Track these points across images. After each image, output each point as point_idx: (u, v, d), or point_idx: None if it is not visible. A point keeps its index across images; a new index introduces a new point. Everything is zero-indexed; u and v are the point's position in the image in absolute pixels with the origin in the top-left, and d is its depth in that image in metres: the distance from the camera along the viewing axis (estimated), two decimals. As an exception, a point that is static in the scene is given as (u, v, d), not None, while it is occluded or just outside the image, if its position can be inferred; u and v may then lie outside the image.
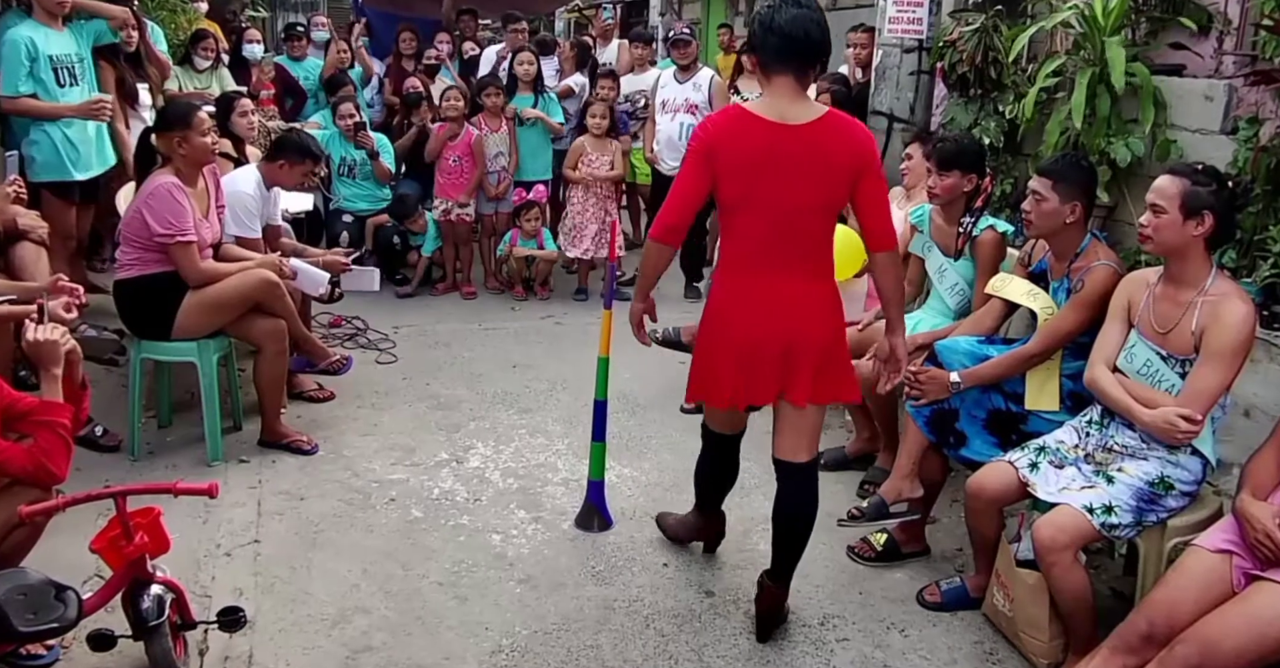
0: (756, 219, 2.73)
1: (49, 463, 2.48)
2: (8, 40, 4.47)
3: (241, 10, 9.75)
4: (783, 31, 2.62)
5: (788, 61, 2.66)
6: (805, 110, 2.68)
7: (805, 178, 2.67)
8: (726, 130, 2.70)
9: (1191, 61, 4.07)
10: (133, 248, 3.82)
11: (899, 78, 5.42)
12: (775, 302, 2.75)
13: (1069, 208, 3.10)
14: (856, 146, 2.69)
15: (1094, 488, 2.80)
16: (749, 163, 2.67)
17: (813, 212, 2.72)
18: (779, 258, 2.75)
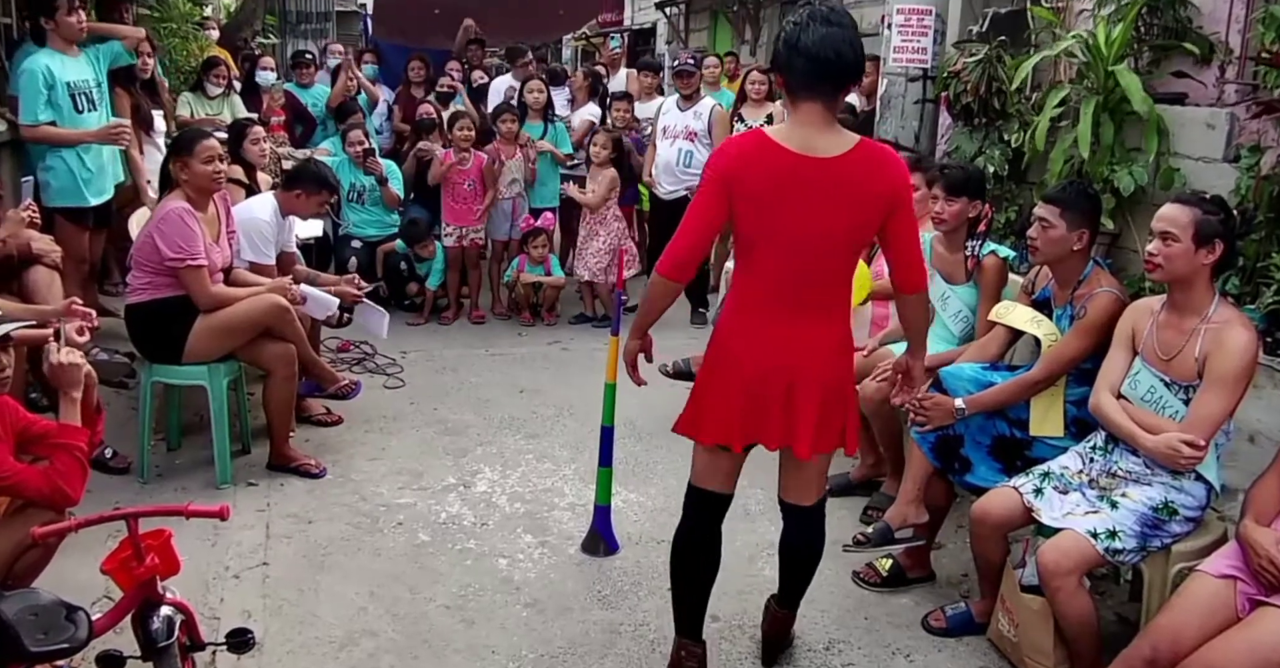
0: (775, 257, 2.52)
1: (64, 486, 2.52)
2: (25, 70, 4.55)
3: (253, 37, 9.85)
4: (810, 53, 2.36)
5: (816, 86, 2.41)
6: (835, 141, 2.45)
7: (832, 215, 2.45)
8: (746, 159, 2.47)
9: (1194, 90, 4.11)
10: (144, 272, 3.87)
11: (904, 107, 5.47)
12: (787, 341, 2.56)
13: (1076, 235, 3.13)
14: (891, 181, 2.47)
15: (1098, 513, 2.81)
16: (769, 196, 2.46)
17: (837, 251, 2.52)
18: (796, 297, 2.55)
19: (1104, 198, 3.96)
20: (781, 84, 2.49)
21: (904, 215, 2.52)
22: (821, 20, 2.37)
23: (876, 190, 2.45)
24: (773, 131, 2.48)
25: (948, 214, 3.74)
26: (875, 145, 2.51)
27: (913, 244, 2.56)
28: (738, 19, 11.77)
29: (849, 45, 2.37)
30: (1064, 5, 4.78)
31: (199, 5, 8.78)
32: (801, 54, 2.37)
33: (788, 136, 2.45)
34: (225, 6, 12.21)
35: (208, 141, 3.91)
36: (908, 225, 2.54)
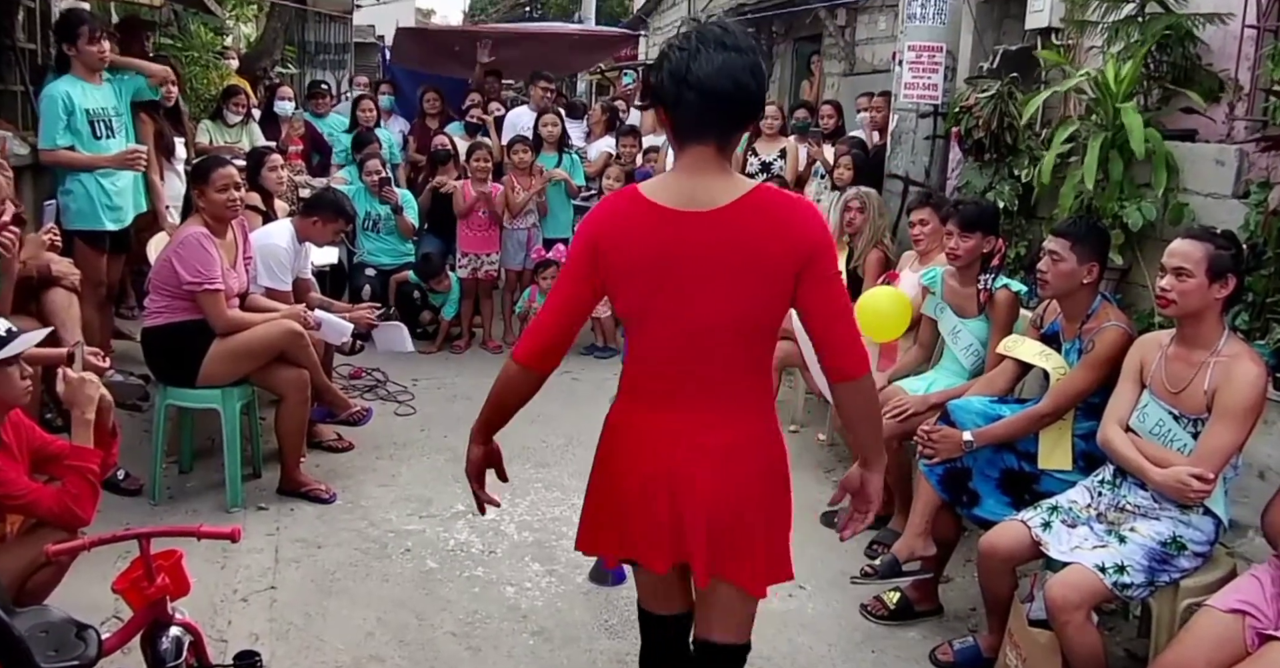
0: (657, 338, 2.03)
1: (76, 507, 2.55)
2: (46, 96, 4.65)
3: (272, 67, 10.00)
4: (704, 86, 1.86)
5: (711, 126, 1.92)
6: (723, 189, 1.94)
7: (719, 283, 1.93)
8: (615, 222, 2.01)
9: (1203, 126, 4.14)
10: (161, 296, 3.92)
11: (914, 142, 5.52)
12: (671, 442, 2.04)
13: (1086, 268, 3.16)
14: (795, 235, 1.92)
15: (1106, 547, 2.80)
16: (643, 265, 1.97)
17: (734, 330, 1.98)
18: (684, 389, 2.03)
19: (1113, 233, 3.98)
20: (664, 122, 1.99)
21: (821, 280, 1.95)
22: (715, 44, 1.87)
23: (776, 248, 1.92)
24: (647, 186, 2.02)
25: (962, 250, 3.77)
26: (775, 192, 1.99)
27: (838, 318, 1.99)
28: (751, 55, 11.90)
29: (750, 73, 1.89)
30: (1074, 42, 4.83)
31: (220, 35, 8.93)
32: (693, 87, 1.87)
33: (663, 190, 1.98)
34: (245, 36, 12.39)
35: (224, 170, 3.98)
36: (829, 293, 1.97)
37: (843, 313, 2.00)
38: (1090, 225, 3.29)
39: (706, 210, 1.93)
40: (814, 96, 9.10)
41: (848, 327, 2.01)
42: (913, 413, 3.68)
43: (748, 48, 1.90)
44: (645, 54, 17.55)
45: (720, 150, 1.96)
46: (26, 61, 5.86)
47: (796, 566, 3.66)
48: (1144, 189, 4.04)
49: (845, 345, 1.99)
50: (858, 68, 8.97)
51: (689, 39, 1.90)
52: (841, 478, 2.19)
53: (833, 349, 1.99)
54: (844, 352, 1.99)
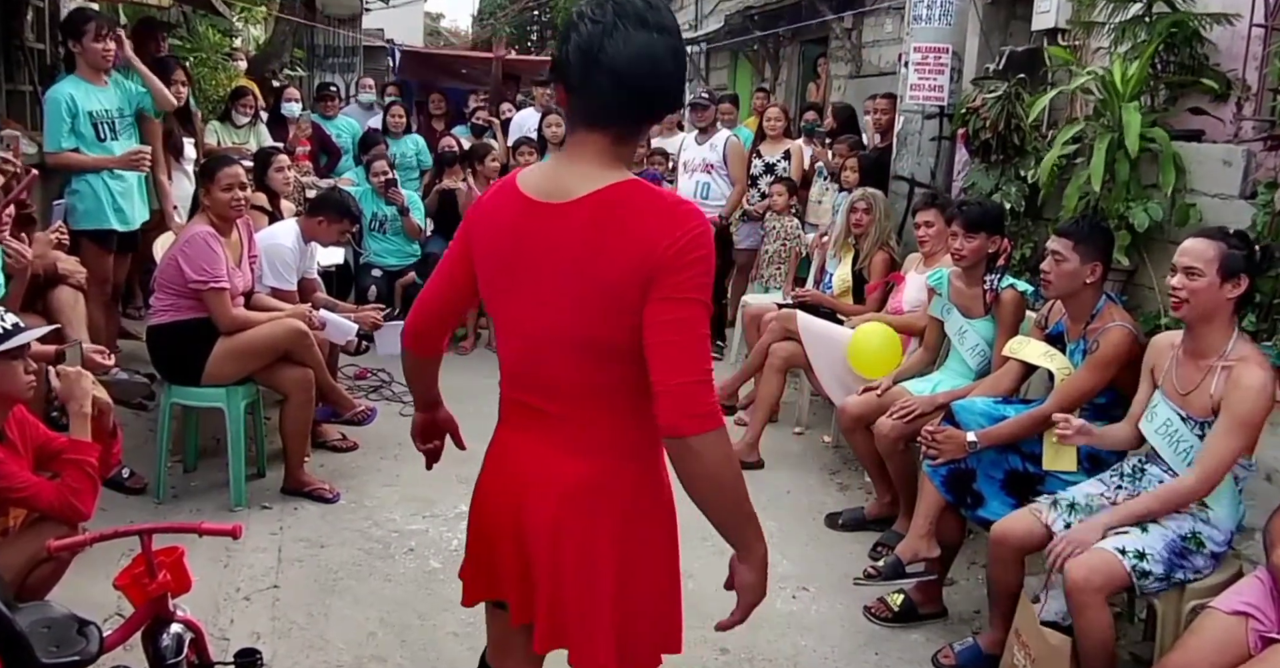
0: (507, 347, 1.80)
1: (75, 500, 2.55)
2: (50, 98, 4.64)
3: (280, 70, 10.04)
4: (618, 69, 1.58)
5: (614, 114, 1.65)
6: (579, 179, 1.65)
7: (556, 288, 1.66)
8: (486, 207, 1.80)
9: (1210, 127, 4.13)
10: (167, 294, 3.93)
11: (920, 143, 5.51)
12: (527, 476, 1.78)
13: (1089, 268, 3.15)
14: (642, 241, 1.58)
15: (1128, 534, 2.75)
16: (494, 261, 1.76)
17: (572, 345, 1.67)
18: (536, 411, 1.77)
19: (1119, 234, 3.97)
20: (562, 102, 1.70)
21: (659, 301, 1.58)
22: (636, 20, 1.59)
23: (617, 254, 1.60)
24: (525, 171, 1.78)
25: (967, 250, 3.77)
26: (641, 189, 1.65)
27: (668, 350, 1.58)
28: (758, 58, 11.89)
29: (672, 60, 1.63)
30: (1080, 43, 4.82)
31: (228, 37, 8.96)
32: (605, 69, 1.59)
33: (533, 178, 1.74)
34: (255, 39, 12.45)
35: (230, 169, 4.00)
36: (664, 318, 1.58)
37: (678, 348, 1.58)
38: (1093, 225, 3.28)
39: (558, 202, 1.66)
40: (821, 98, 9.10)
41: (683, 367, 1.57)
42: (919, 413, 3.67)
43: (672, 28, 1.63)
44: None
45: (618, 141, 1.67)
46: (35, 61, 5.89)
47: (800, 567, 3.69)
48: (1150, 190, 4.02)
49: (676, 390, 1.57)
50: (864, 70, 8.97)
51: (604, 10, 1.59)
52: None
53: (660, 392, 1.57)
54: (673, 398, 1.57)
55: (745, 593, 1.74)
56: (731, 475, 1.64)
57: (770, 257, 6.21)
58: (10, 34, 5.72)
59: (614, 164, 1.68)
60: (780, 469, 4.71)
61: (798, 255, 6.09)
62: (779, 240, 6.20)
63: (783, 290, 5.87)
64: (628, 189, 1.64)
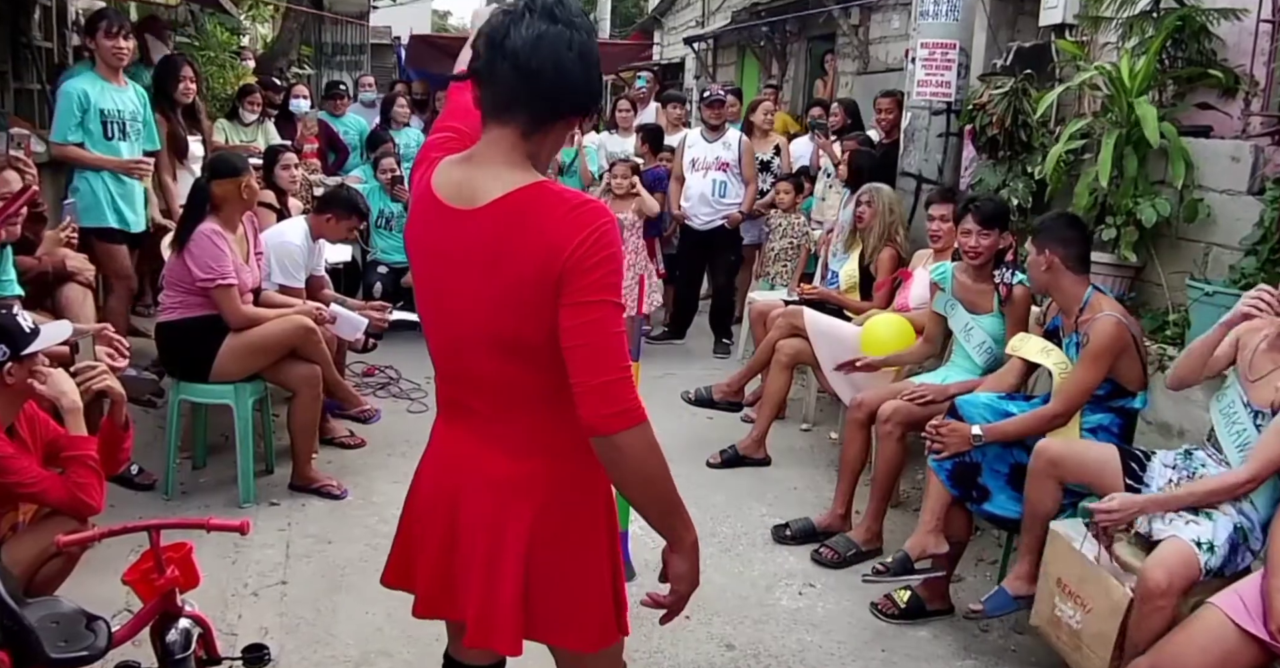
0: (431, 346, 1.84)
1: (81, 494, 2.57)
2: (64, 91, 4.67)
3: (288, 67, 10.06)
4: (519, 57, 1.59)
5: (517, 106, 1.63)
6: (488, 182, 1.65)
7: (469, 291, 1.69)
8: (414, 207, 1.81)
9: (1218, 123, 4.12)
10: (176, 292, 3.94)
11: (927, 140, 5.49)
12: (460, 469, 1.82)
13: (1041, 259, 3.22)
14: (548, 243, 1.59)
15: (1199, 524, 2.67)
16: (414, 263, 1.82)
17: (488, 346, 1.70)
18: (463, 407, 1.82)
19: (1127, 231, 3.97)
20: (476, 97, 1.70)
21: (569, 305, 1.60)
22: (543, 13, 1.60)
23: (524, 256, 1.61)
24: (440, 168, 1.75)
25: (982, 247, 3.78)
26: (549, 192, 1.64)
27: (579, 351, 1.60)
28: (765, 54, 11.87)
29: (578, 55, 1.62)
30: (1088, 39, 4.80)
31: (236, 35, 8.98)
32: (507, 56, 1.60)
33: (443, 178, 1.72)
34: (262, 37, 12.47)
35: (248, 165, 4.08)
36: (575, 320, 1.60)
37: (592, 349, 1.60)
38: (1047, 217, 3.42)
39: (467, 208, 1.66)
40: (828, 95, 9.08)
41: (598, 367, 1.59)
42: (930, 400, 3.66)
43: (581, 25, 1.63)
44: (659, 54, 17.57)
45: (524, 138, 1.66)
46: (43, 60, 5.91)
47: (806, 563, 3.68)
48: (1158, 186, 4.01)
49: (593, 390, 1.59)
50: (871, 66, 8.95)
51: (518, 2, 1.62)
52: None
53: (579, 393, 1.60)
54: (591, 398, 1.59)
55: (679, 582, 1.78)
56: (657, 467, 1.67)
57: (777, 254, 6.21)
58: (18, 32, 5.74)
59: (522, 163, 1.67)
60: (787, 466, 4.71)
61: (807, 252, 6.09)
62: (785, 237, 6.19)
63: (789, 287, 5.87)
64: (533, 192, 1.64)
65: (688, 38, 14.11)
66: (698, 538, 1.78)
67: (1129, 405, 3.21)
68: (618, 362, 1.61)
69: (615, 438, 1.61)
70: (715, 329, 6.70)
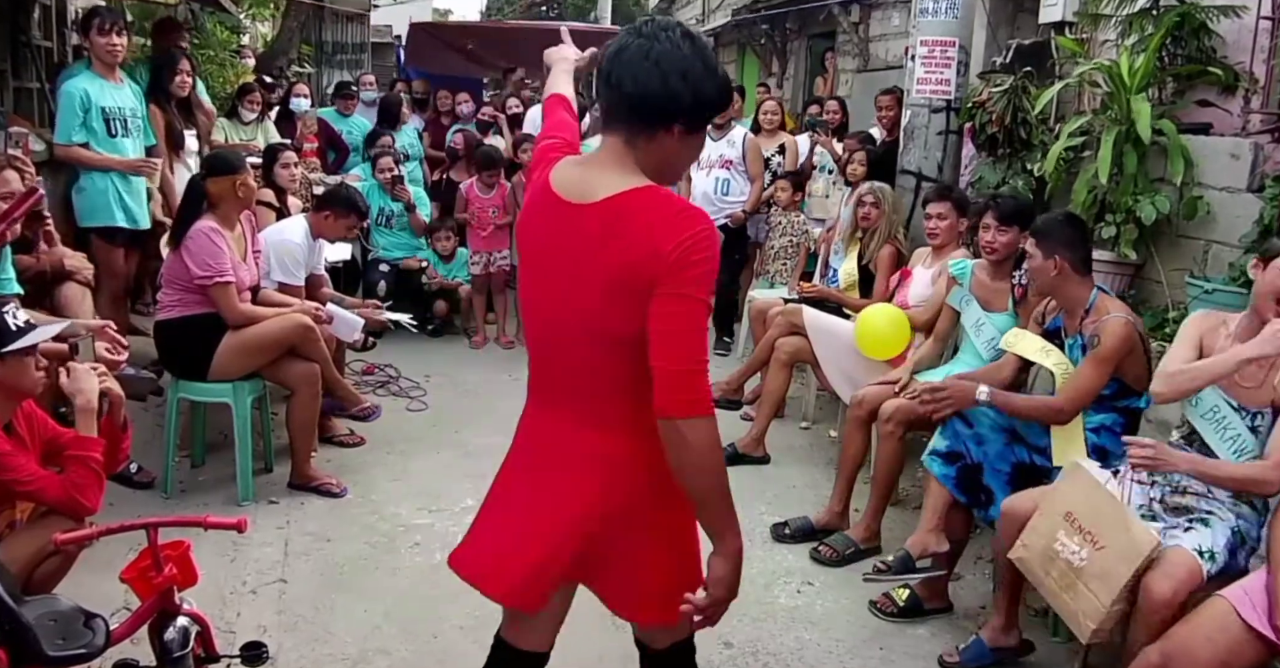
0: (529, 332, 2.00)
1: (79, 495, 2.57)
2: (65, 91, 4.67)
3: (288, 66, 10.05)
4: (618, 76, 1.78)
5: (621, 116, 1.82)
6: (600, 182, 1.81)
7: (570, 281, 1.82)
8: (527, 201, 1.99)
9: (1218, 121, 4.11)
10: (174, 290, 3.94)
11: (927, 138, 5.49)
12: (543, 445, 1.99)
13: (1050, 263, 3.16)
14: (648, 243, 1.72)
15: (1196, 531, 2.65)
16: (524, 250, 1.96)
17: (582, 333, 1.84)
18: (556, 391, 1.96)
19: (1127, 228, 3.96)
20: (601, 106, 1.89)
21: (663, 296, 1.72)
22: (649, 36, 1.77)
23: (624, 254, 1.74)
24: (558, 166, 1.93)
25: (999, 244, 3.77)
26: (654, 195, 1.79)
27: (665, 341, 1.73)
28: (765, 53, 11.87)
29: (679, 75, 1.75)
30: (1088, 36, 4.80)
31: (236, 33, 8.97)
32: (612, 74, 1.79)
33: (561, 175, 1.89)
34: (263, 36, 12.46)
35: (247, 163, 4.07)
36: (665, 311, 1.73)
37: (675, 337, 1.73)
38: (1053, 219, 3.30)
39: (579, 203, 1.82)
40: (828, 93, 9.08)
41: (678, 356, 1.73)
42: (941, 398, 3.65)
43: (665, 38, 1.77)
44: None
45: (628, 145, 1.82)
46: (43, 58, 5.91)
47: (805, 561, 3.68)
48: (1158, 183, 4.01)
49: (670, 376, 1.72)
50: (871, 64, 8.95)
51: (640, 24, 1.82)
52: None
53: (656, 377, 1.73)
54: (666, 383, 1.73)
55: (717, 586, 1.82)
56: (715, 462, 1.78)
57: (776, 252, 6.20)
58: (17, 31, 5.74)
59: (632, 169, 1.82)
60: (786, 464, 4.70)
61: (806, 251, 6.08)
62: (785, 236, 6.19)
63: (789, 285, 5.86)
64: (643, 194, 1.78)
65: (688, 36, 14.09)
66: (742, 547, 1.83)
67: (1134, 405, 3.20)
68: (697, 353, 1.74)
69: (682, 423, 1.72)
70: (716, 327, 6.68)
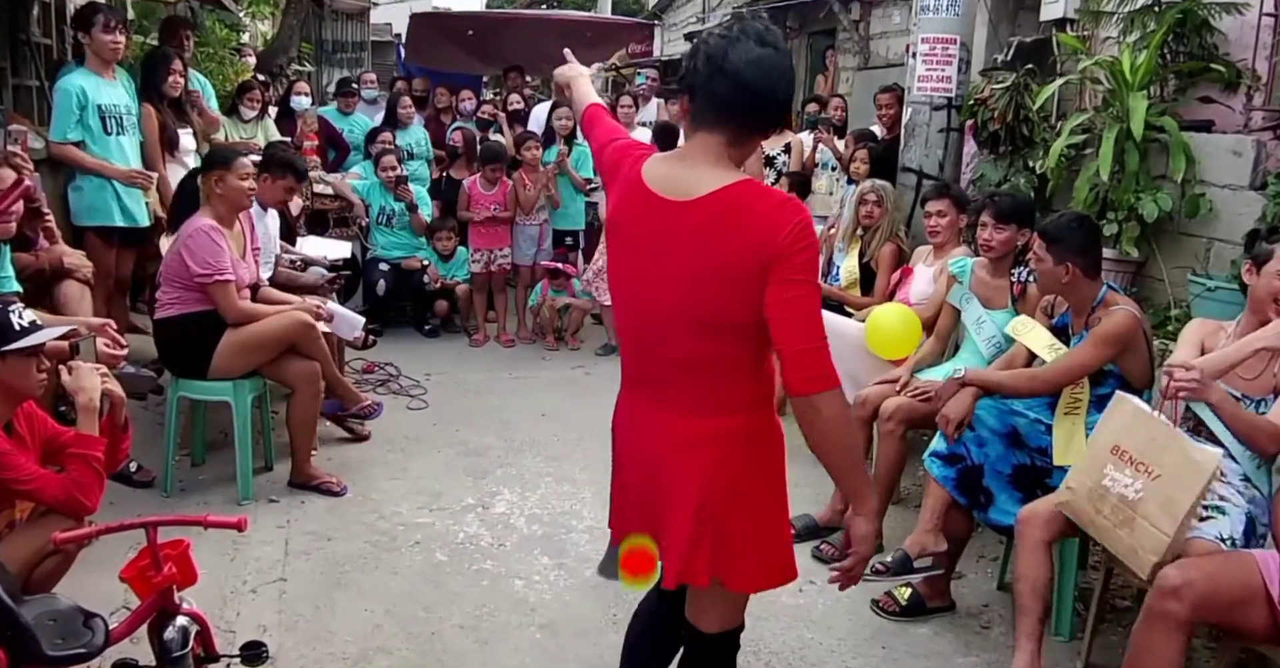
0: (626, 323, 2.09)
1: (79, 494, 2.56)
2: (61, 89, 4.65)
3: (288, 64, 10.04)
4: (739, 75, 1.86)
5: (729, 117, 1.91)
6: (700, 179, 1.91)
7: (680, 277, 1.92)
8: (618, 200, 2.07)
9: (1220, 117, 4.10)
10: (173, 288, 3.93)
11: (928, 135, 5.47)
12: (647, 433, 2.08)
13: (1062, 269, 3.16)
14: (758, 234, 1.84)
15: (1215, 519, 2.64)
16: (622, 245, 2.05)
17: (689, 322, 1.93)
18: (657, 378, 2.05)
19: (1128, 226, 3.96)
20: (684, 107, 1.98)
21: (779, 283, 1.85)
22: (756, 37, 1.88)
23: (735, 245, 1.86)
24: (648, 164, 2.03)
25: (996, 241, 3.76)
26: (756, 189, 1.91)
27: (793, 324, 1.86)
28: (766, 50, 11.88)
29: (782, 76, 1.90)
30: (1089, 33, 4.79)
31: (236, 32, 8.96)
32: (726, 74, 1.87)
33: (654, 173, 1.99)
34: (262, 34, 12.44)
35: (245, 158, 4.01)
36: (785, 297, 1.86)
37: (797, 320, 1.87)
38: (1066, 224, 3.23)
39: (681, 200, 1.92)
40: (828, 91, 9.06)
41: (801, 336, 1.87)
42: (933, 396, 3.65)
43: (785, 51, 1.93)
44: (660, 50, 17.52)
45: (730, 145, 1.93)
46: (42, 56, 5.90)
47: (806, 560, 3.67)
48: (1160, 180, 4.00)
49: (796, 356, 1.86)
50: (872, 62, 8.93)
51: (730, 28, 1.92)
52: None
53: (784, 358, 1.89)
54: (794, 362, 1.87)
55: (860, 543, 2.03)
56: (846, 430, 1.98)
57: (778, 250, 6.18)
58: (16, 28, 5.73)
59: (727, 165, 1.94)
60: (790, 464, 4.66)
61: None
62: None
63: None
64: (743, 189, 1.89)
65: (688, 34, 14.08)
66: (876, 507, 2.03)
67: None
68: (817, 333, 1.88)
69: (814, 398, 1.87)
70: None
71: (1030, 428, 3.27)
